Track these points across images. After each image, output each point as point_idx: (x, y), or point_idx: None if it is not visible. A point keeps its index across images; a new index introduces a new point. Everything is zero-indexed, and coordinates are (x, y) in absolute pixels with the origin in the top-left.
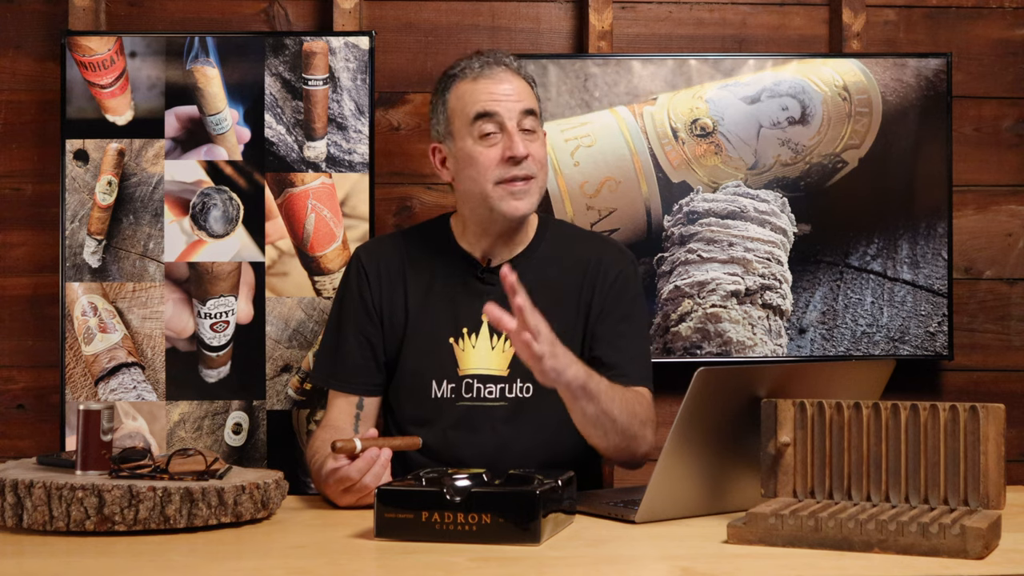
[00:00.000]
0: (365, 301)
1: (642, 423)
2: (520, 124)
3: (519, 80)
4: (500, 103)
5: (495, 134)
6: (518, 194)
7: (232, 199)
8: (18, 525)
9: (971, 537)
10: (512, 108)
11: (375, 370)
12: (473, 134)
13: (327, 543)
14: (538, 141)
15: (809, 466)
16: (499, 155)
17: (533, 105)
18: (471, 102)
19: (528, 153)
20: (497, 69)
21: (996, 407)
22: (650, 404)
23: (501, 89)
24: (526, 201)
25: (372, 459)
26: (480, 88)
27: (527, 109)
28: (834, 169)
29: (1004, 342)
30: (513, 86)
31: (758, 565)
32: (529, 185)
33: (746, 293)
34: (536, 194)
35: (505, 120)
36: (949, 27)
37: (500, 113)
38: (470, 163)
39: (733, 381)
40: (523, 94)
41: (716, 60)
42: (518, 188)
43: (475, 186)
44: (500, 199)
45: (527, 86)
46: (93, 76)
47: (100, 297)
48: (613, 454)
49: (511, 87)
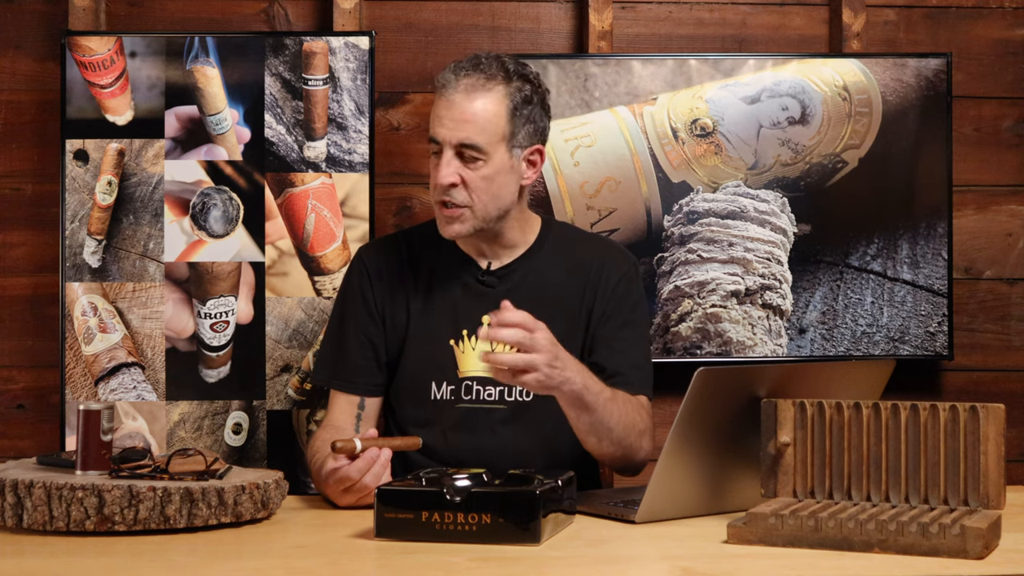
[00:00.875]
0: (367, 301)
1: (639, 433)
2: (458, 150)
3: (475, 103)
4: (442, 126)
5: (440, 154)
6: (447, 219)
7: (232, 199)
8: (18, 525)
9: (971, 537)
10: (449, 136)
11: (377, 370)
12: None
13: (327, 543)
14: (480, 170)
15: (809, 466)
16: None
17: (474, 138)
18: (431, 117)
19: (454, 181)
20: (456, 87)
21: (996, 407)
22: (649, 413)
23: (448, 112)
24: (455, 226)
25: (372, 459)
26: (438, 104)
27: (463, 143)
28: (834, 169)
29: (1004, 342)
30: (463, 110)
31: (758, 565)
32: (457, 213)
33: (746, 293)
34: (471, 221)
35: (443, 145)
36: (949, 27)
37: (439, 139)
38: None
39: (733, 381)
40: (470, 123)
41: (716, 60)
42: (447, 213)
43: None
44: (438, 216)
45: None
46: (93, 76)
47: (100, 297)
48: (608, 461)
49: (459, 110)
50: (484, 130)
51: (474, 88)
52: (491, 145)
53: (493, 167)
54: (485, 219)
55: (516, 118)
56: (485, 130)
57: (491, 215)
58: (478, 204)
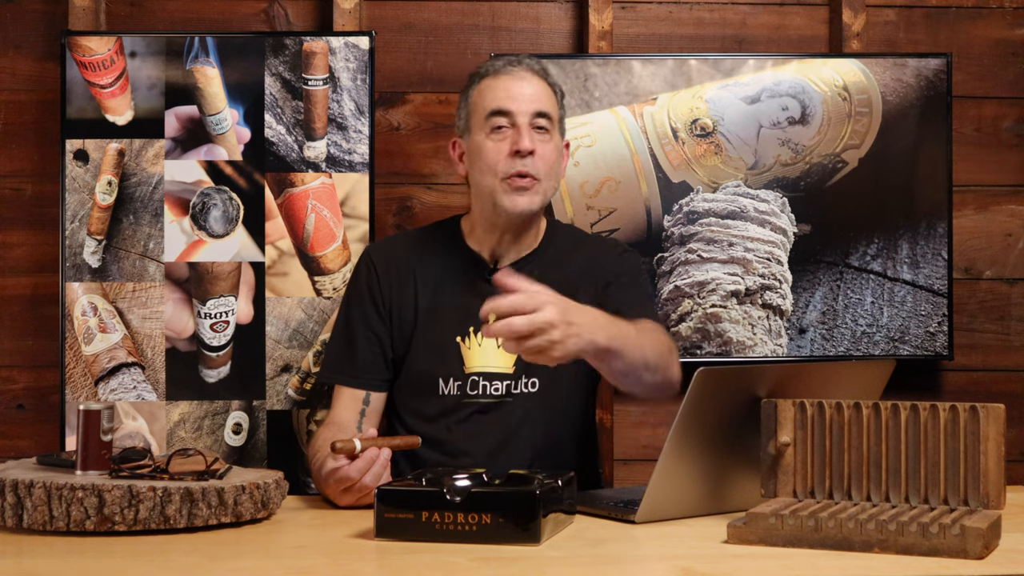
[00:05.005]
0: (375, 298)
1: (670, 350)
2: (533, 122)
3: (540, 83)
4: (514, 100)
5: (506, 128)
6: (520, 190)
7: (232, 199)
8: (18, 525)
9: (971, 537)
10: (525, 106)
11: (383, 366)
12: (486, 128)
13: (327, 543)
14: (550, 143)
15: (809, 466)
16: (507, 149)
17: (548, 108)
18: (490, 98)
19: (534, 149)
20: (519, 69)
21: (996, 407)
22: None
23: (518, 87)
24: (526, 198)
25: (372, 459)
26: (499, 85)
27: (540, 111)
28: (834, 169)
29: (1004, 342)
30: (532, 86)
31: (758, 565)
32: (532, 184)
33: (746, 293)
34: (540, 195)
35: (517, 116)
36: (949, 27)
37: (512, 110)
38: (480, 155)
39: (733, 381)
40: (540, 96)
41: (716, 60)
42: (520, 184)
43: (483, 178)
44: (503, 193)
45: (548, 90)
46: (93, 76)
47: (100, 297)
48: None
49: (530, 87)
50: (551, 103)
51: (533, 71)
52: (554, 121)
53: (555, 144)
54: (546, 197)
55: (560, 107)
56: (551, 103)
57: (549, 194)
58: (547, 180)
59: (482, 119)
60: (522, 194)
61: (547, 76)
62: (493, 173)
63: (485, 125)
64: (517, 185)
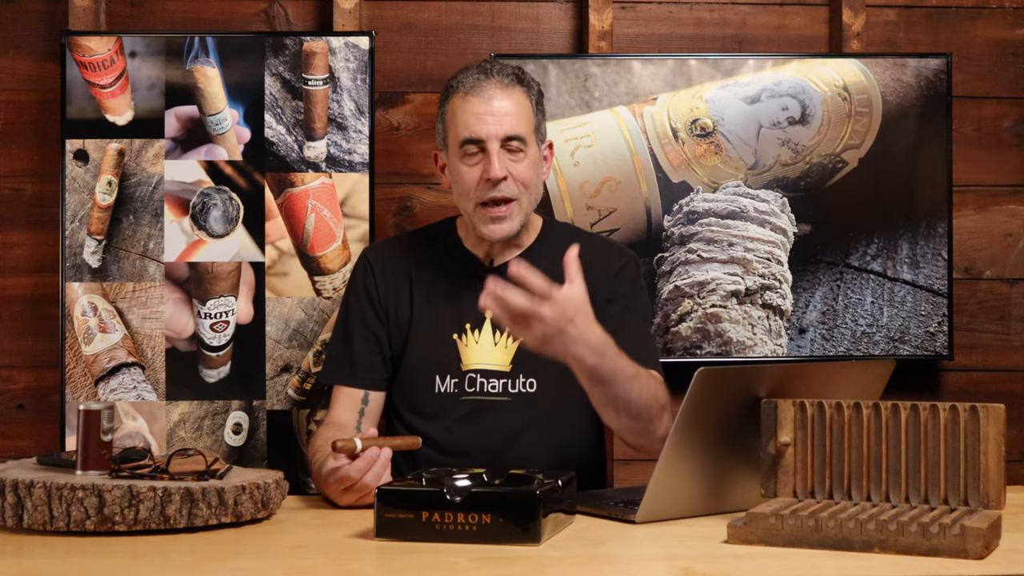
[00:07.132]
0: (372, 299)
1: (661, 408)
2: (504, 146)
3: (510, 98)
4: (484, 124)
5: (479, 154)
6: (496, 219)
7: (232, 199)
8: (18, 525)
9: (971, 537)
10: (494, 131)
11: (381, 365)
12: (460, 154)
13: (327, 543)
14: (525, 160)
15: (809, 466)
16: (479, 175)
17: (519, 128)
18: (461, 124)
19: (506, 174)
20: (488, 86)
21: (996, 407)
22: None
23: (486, 108)
24: (504, 225)
25: (372, 459)
26: (468, 109)
27: (509, 135)
28: (834, 169)
29: (1004, 342)
30: (503, 105)
31: (758, 565)
32: (508, 209)
33: (746, 293)
34: (518, 216)
35: (487, 142)
36: (949, 27)
37: (482, 136)
38: (456, 179)
39: (733, 381)
40: (511, 114)
41: (716, 60)
42: (495, 213)
43: (461, 201)
44: (480, 221)
45: (520, 104)
46: (93, 76)
47: (100, 297)
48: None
49: (500, 105)
50: (523, 121)
51: (503, 86)
52: (529, 136)
53: (531, 158)
54: (527, 212)
55: (537, 112)
56: (523, 121)
57: (530, 208)
58: (524, 197)
59: (456, 143)
60: (499, 223)
61: (520, 81)
62: (468, 198)
63: (459, 151)
64: (493, 215)
